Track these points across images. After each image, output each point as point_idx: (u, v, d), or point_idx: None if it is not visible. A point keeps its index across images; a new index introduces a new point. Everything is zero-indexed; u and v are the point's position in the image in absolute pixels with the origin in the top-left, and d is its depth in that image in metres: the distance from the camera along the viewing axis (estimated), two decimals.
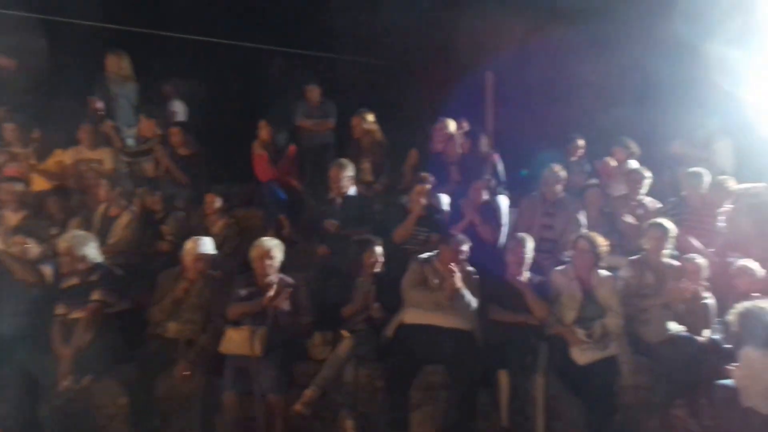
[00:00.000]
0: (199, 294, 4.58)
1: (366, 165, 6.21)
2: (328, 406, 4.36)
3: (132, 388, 4.41)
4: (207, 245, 4.73)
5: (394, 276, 4.66)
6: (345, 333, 4.45)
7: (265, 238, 4.65)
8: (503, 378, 4.24)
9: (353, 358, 4.37)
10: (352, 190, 5.63)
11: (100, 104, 6.60)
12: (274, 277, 4.44)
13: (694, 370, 4.18)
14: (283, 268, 4.64)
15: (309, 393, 4.21)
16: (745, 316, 3.79)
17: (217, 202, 5.64)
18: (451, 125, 6.13)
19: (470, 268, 4.58)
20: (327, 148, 7.08)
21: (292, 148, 6.46)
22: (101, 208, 5.81)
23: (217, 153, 6.92)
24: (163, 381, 4.44)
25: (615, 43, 7.60)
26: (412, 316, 4.41)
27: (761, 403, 3.60)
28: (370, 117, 6.40)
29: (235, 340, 4.26)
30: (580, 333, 4.20)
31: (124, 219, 5.69)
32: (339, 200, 5.52)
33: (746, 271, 4.39)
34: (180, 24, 7.79)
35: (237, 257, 5.31)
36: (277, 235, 5.40)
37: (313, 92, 7.14)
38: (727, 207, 5.39)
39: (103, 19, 7.39)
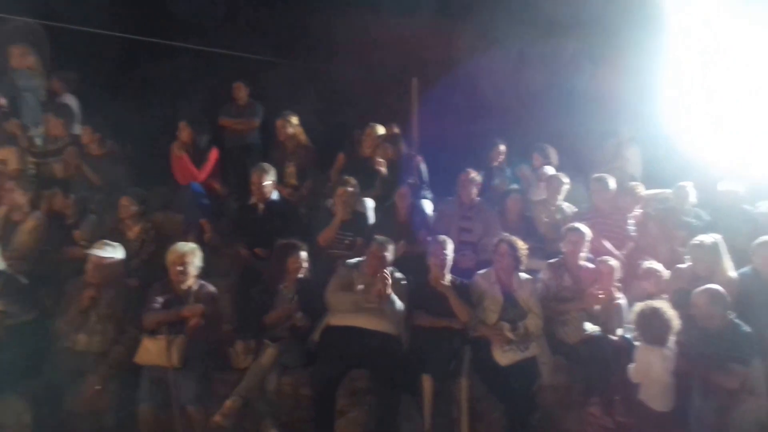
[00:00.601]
0: (110, 303, 4.35)
1: (291, 168, 6.13)
2: (251, 416, 4.24)
3: (38, 404, 4.13)
4: (112, 251, 4.50)
5: (320, 282, 4.61)
6: (267, 341, 4.34)
7: (180, 244, 4.48)
8: (427, 382, 4.25)
9: (277, 366, 4.28)
10: (274, 195, 5.53)
11: (2, 100, 6.17)
12: (193, 283, 4.28)
13: (608, 368, 4.35)
14: (205, 274, 4.49)
15: (230, 403, 4.08)
16: (643, 315, 3.97)
17: (133, 206, 5.38)
18: (379, 130, 6.14)
19: (398, 274, 4.59)
20: (252, 149, 6.93)
21: (214, 150, 6.28)
22: (3, 211, 5.42)
23: (135, 153, 6.64)
24: (72, 396, 4.17)
25: (535, 57, 7.91)
26: (338, 318, 4.38)
27: (654, 399, 3.80)
28: (295, 120, 6.32)
29: (152, 351, 4.08)
30: (507, 328, 4.29)
31: (29, 224, 5.33)
32: (261, 206, 5.41)
33: (653, 273, 4.63)
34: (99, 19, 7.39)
35: (154, 263, 5.09)
36: (198, 240, 5.22)
37: (240, 91, 6.98)
38: (636, 212, 5.68)
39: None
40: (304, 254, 4.69)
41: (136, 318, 4.27)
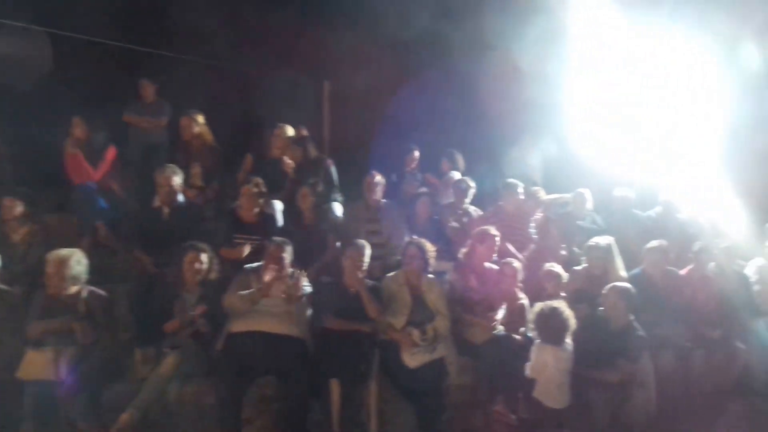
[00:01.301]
0: None
1: (196, 169, 5.89)
2: (150, 429, 4.01)
3: None
4: None
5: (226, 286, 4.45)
6: (167, 350, 4.13)
7: (60, 249, 4.19)
8: (335, 386, 4.20)
9: (178, 375, 4.08)
10: (180, 198, 5.31)
11: None
12: (80, 289, 4.00)
13: (512, 366, 4.48)
14: (101, 278, 4.21)
15: (125, 417, 3.84)
16: (541, 315, 4.14)
17: (18, 207, 4.97)
18: (289, 131, 6.04)
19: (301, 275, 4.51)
20: (157, 149, 6.62)
21: (111, 148, 5.93)
22: None
23: (22, 152, 6.16)
24: None
25: (447, 67, 8.09)
26: (240, 324, 4.24)
27: (549, 396, 3.97)
28: (200, 118, 6.09)
29: (37, 364, 3.77)
30: (416, 334, 4.32)
31: None
32: (166, 210, 5.17)
33: (552, 275, 4.83)
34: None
35: (42, 269, 4.72)
36: (94, 243, 4.91)
37: (146, 89, 6.65)
38: (538, 215, 5.92)
39: None
40: (204, 256, 4.50)
41: (19, 329, 3.93)
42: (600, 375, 4.17)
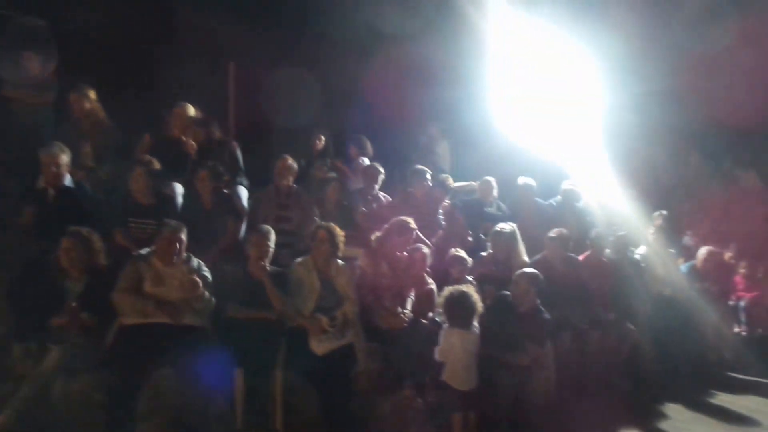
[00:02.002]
0: None
1: (87, 149, 5.43)
2: (31, 430, 3.65)
3: None
4: None
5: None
6: (50, 344, 3.78)
7: None
8: (239, 377, 4.04)
9: (63, 371, 3.73)
10: (67, 179, 4.88)
11: None
12: None
13: (420, 351, 4.50)
14: None
15: (1, 420, 3.46)
16: (450, 299, 4.18)
17: None
18: (190, 110, 5.70)
19: (195, 262, 4.30)
20: (42, 126, 6.02)
21: None
22: None
23: None
24: None
25: (355, 53, 7.98)
26: (133, 317, 3.96)
27: (457, 379, 4.02)
28: (92, 94, 5.61)
29: None
30: (324, 321, 4.22)
31: None
32: (52, 192, 4.73)
33: (459, 260, 4.89)
34: None
35: None
36: None
37: (31, 61, 6.01)
38: (446, 202, 5.99)
39: None
40: (86, 242, 4.14)
41: None
42: (510, 358, 4.27)
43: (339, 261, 4.47)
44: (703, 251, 6.12)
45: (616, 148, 7.00)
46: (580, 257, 5.52)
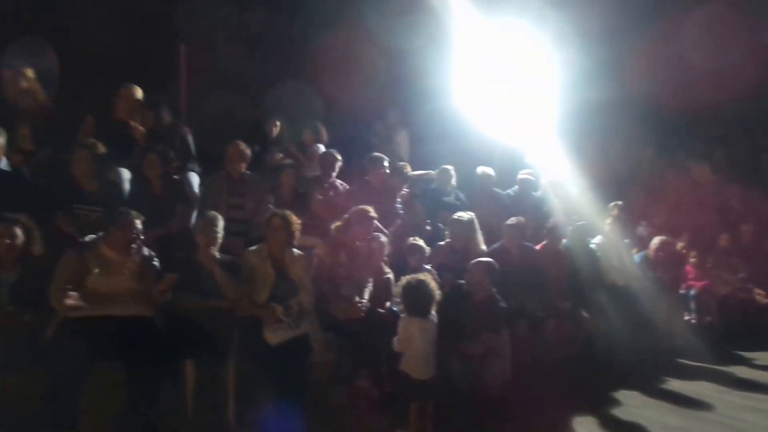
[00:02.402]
0: None
1: (24, 131, 5.11)
2: None
3: None
4: None
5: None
6: None
7: None
8: (189, 368, 3.90)
9: None
10: (3, 163, 4.60)
11: None
12: None
13: (377, 341, 4.41)
14: None
15: None
16: (408, 288, 4.06)
17: None
18: (137, 92, 5.44)
19: (146, 251, 4.11)
20: None
21: None
22: None
23: None
24: None
25: (311, 39, 7.82)
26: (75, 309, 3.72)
27: (415, 368, 3.95)
28: (30, 73, 5.28)
29: None
30: (279, 310, 4.08)
31: None
32: None
33: (416, 248, 4.82)
34: None
35: None
36: None
37: None
38: (404, 191, 5.91)
39: None
40: (18, 230, 3.90)
41: None
42: (465, 347, 4.23)
43: (294, 250, 4.33)
44: (655, 241, 6.22)
45: (573, 140, 7.07)
46: (537, 246, 5.53)
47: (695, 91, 7.49)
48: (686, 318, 6.22)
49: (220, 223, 4.22)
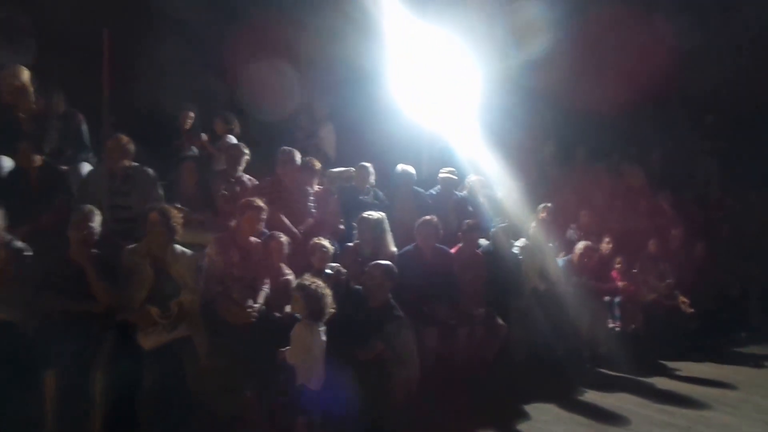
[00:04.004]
0: None
1: None
2: None
3: None
4: None
5: None
6: None
7: None
8: (50, 379, 3.51)
9: None
10: None
11: None
12: None
13: (271, 347, 4.08)
14: None
15: None
16: (301, 290, 3.74)
17: None
18: (24, 74, 4.99)
19: (20, 245, 3.74)
20: None
21: None
22: None
23: None
24: None
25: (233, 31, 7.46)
26: None
27: (308, 377, 3.66)
28: None
29: None
30: (154, 311, 3.73)
31: None
32: None
33: (318, 248, 4.51)
34: None
35: None
36: None
37: None
38: (317, 188, 5.60)
39: None
40: None
41: None
42: (356, 353, 3.95)
43: (177, 246, 3.97)
44: (579, 245, 6.05)
45: (502, 140, 6.88)
46: (453, 249, 5.26)
47: (628, 92, 7.40)
48: (610, 325, 6.05)
49: (97, 218, 3.85)
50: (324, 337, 3.79)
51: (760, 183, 8.44)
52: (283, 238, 4.47)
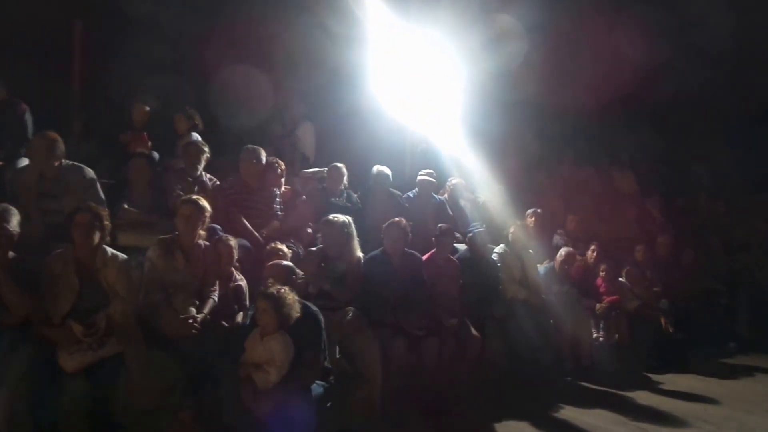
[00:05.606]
0: None
1: None
2: None
3: None
4: None
5: None
6: None
7: None
8: None
9: None
10: None
11: None
12: None
13: (219, 360, 3.74)
14: None
15: None
16: (265, 300, 3.43)
17: None
18: None
19: None
20: None
21: None
22: None
23: None
24: None
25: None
26: None
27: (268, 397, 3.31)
28: None
29: None
30: (77, 328, 3.36)
31: None
32: None
33: (275, 252, 4.17)
34: None
35: None
36: None
37: None
38: (285, 188, 5.28)
39: None
40: None
41: None
42: None
43: (109, 250, 3.60)
44: (561, 252, 5.72)
45: (488, 143, 6.60)
46: (425, 256, 4.91)
47: (615, 96, 7.13)
48: (593, 336, 5.71)
49: (14, 219, 3.46)
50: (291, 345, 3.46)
51: (750, 189, 8.17)
52: (232, 241, 4.12)
